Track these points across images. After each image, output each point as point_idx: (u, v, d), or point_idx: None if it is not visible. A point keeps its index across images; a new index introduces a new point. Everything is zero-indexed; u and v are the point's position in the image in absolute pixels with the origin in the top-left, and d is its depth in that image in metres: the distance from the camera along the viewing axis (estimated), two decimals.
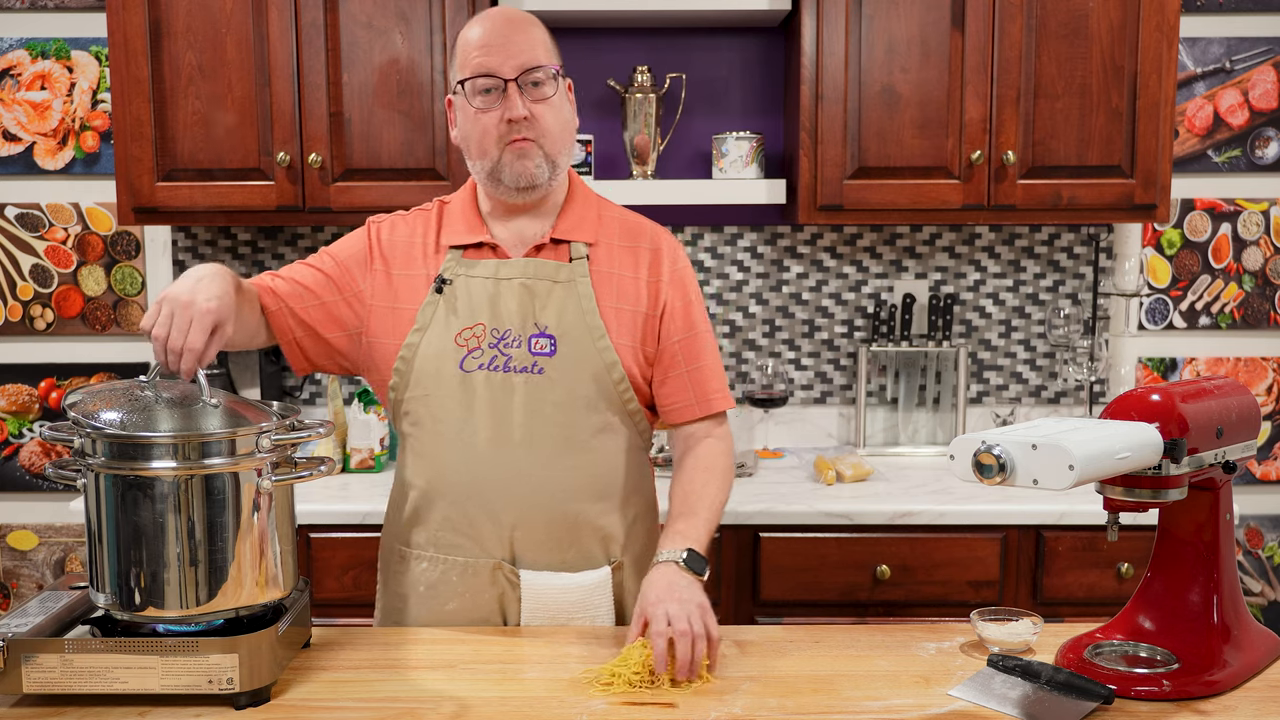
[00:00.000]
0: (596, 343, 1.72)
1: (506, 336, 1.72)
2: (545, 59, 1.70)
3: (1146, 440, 1.40)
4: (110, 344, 3.10)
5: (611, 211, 1.84)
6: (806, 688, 1.51)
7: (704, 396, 1.80)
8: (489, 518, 1.73)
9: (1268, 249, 3.12)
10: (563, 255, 1.77)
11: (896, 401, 3.08)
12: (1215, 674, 1.48)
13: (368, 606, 2.47)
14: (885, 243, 3.08)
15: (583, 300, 1.73)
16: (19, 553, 3.14)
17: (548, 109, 1.70)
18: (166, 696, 1.42)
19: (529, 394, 1.71)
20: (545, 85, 1.69)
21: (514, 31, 1.69)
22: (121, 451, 1.41)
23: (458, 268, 1.75)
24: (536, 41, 1.70)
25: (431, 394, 1.73)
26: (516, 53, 1.68)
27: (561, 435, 1.72)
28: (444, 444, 1.74)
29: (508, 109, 1.68)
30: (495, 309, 1.73)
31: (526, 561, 1.75)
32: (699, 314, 1.82)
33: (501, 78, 1.67)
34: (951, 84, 2.67)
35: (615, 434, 1.77)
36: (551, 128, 1.71)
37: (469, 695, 1.47)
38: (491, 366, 1.71)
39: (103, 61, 3.01)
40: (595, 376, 1.72)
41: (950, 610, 2.45)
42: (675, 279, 1.80)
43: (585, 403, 1.72)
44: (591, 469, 1.75)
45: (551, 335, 1.72)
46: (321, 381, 3.10)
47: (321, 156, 2.66)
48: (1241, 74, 3.07)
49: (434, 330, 1.73)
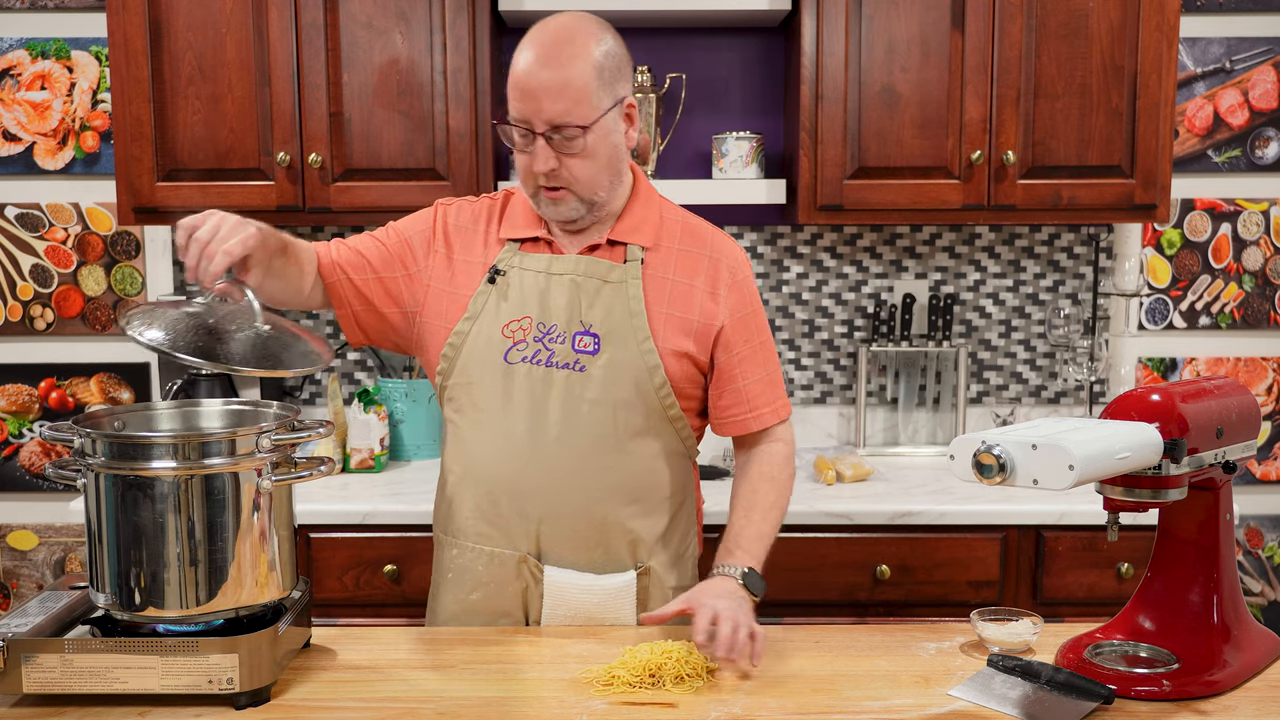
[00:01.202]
0: (640, 345, 1.71)
1: (552, 331, 1.72)
2: (580, 111, 1.63)
3: (1146, 440, 1.40)
4: (110, 344, 3.10)
5: (674, 215, 1.82)
6: (806, 688, 1.51)
7: (756, 410, 1.79)
8: (518, 510, 1.73)
9: (1268, 249, 3.12)
10: (618, 256, 1.76)
11: (896, 401, 3.08)
12: (1215, 674, 1.48)
13: (368, 606, 2.48)
14: (885, 243, 3.08)
15: (631, 302, 1.72)
16: (19, 553, 3.14)
17: (578, 161, 1.67)
18: (166, 696, 1.43)
19: (568, 390, 1.71)
20: (575, 141, 1.65)
21: (555, 71, 1.62)
22: (121, 451, 1.41)
23: (512, 259, 1.75)
24: (575, 86, 1.63)
25: (474, 382, 1.74)
26: (550, 103, 1.62)
27: (596, 434, 1.71)
28: (482, 433, 1.75)
29: (534, 161, 1.67)
30: (544, 303, 1.73)
31: (552, 558, 1.75)
32: (757, 325, 1.80)
33: (533, 131, 1.65)
34: (951, 84, 2.67)
35: (653, 438, 1.75)
36: (582, 176, 1.68)
37: (469, 695, 1.48)
38: (534, 360, 1.71)
39: (103, 61, 3.01)
40: (636, 379, 1.71)
41: (950, 610, 2.45)
42: (734, 288, 1.78)
43: (623, 404, 1.72)
44: (624, 471, 1.74)
45: (596, 334, 1.71)
46: (321, 381, 3.10)
47: (321, 156, 2.66)
48: (1241, 74, 3.07)
49: (484, 319, 1.74)
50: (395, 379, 2.92)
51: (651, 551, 1.78)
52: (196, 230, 1.48)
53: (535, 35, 1.67)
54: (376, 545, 2.48)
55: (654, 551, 1.78)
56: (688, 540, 1.85)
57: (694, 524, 1.88)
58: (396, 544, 2.48)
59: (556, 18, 1.69)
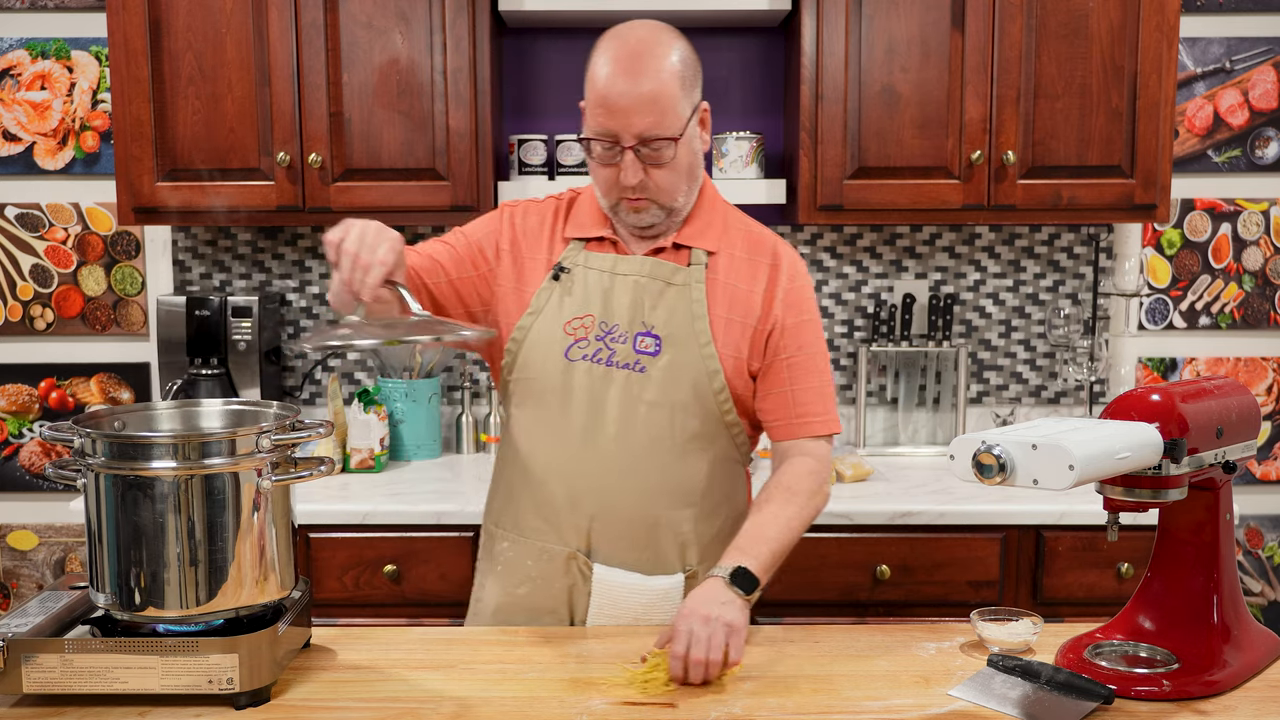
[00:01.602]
0: (701, 349, 1.72)
1: (614, 331, 1.72)
2: (669, 123, 1.64)
3: (1146, 440, 1.40)
4: (110, 344, 3.10)
5: (737, 221, 1.82)
6: (806, 688, 1.51)
7: (801, 416, 1.78)
8: (570, 506, 1.74)
9: (1268, 249, 3.12)
10: (682, 259, 1.76)
11: (896, 401, 3.08)
12: (1215, 674, 1.48)
13: (368, 606, 2.48)
14: (885, 243, 3.08)
15: (694, 305, 1.73)
16: (19, 553, 3.14)
17: (664, 171, 1.67)
18: (166, 696, 1.42)
19: (626, 390, 1.71)
20: (663, 152, 1.66)
21: (641, 81, 1.62)
22: (121, 451, 1.41)
23: (577, 257, 1.76)
24: (663, 98, 1.63)
25: (535, 378, 1.75)
26: (640, 116, 1.62)
27: (653, 435, 1.72)
28: (540, 428, 1.75)
29: (622, 174, 1.66)
30: (607, 302, 1.73)
31: (602, 556, 1.75)
32: (811, 334, 1.79)
33: (621, 145, 1.65)
34: (951, 84, 2.67)
35: (709, 442, 1.75)
36: (666, 185, 1.68)
37: (469, 695, 1.48)
38: (595, 359, 1.72)
39: (103, 61, 3.01)
40: (695, 382, 1.72)
41: (950, 610, 2.45)
42: (791, 295, 1.78)
43: (681, 407, 1.72)
44: (679, 473, 1.74)
45: (658, 335, 1.72)
46: (321, 381, 3.10)
47: (321, 156, 2.66)
48: (1241, 74, 3.07)
49: (546, 316, 1.75)
50: (395, 379, 2.93)
51: (701, 555, 1.77)
52: (343, 242, 1.49)
53: (613, 47, 1.66)
54: (376, 545, 2.48)
55: (704, 555, 1.77)
56: None
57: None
58: (396, 544, 2.48)
59: (629, 28, 1.69)
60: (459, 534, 2.48)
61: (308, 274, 3.08)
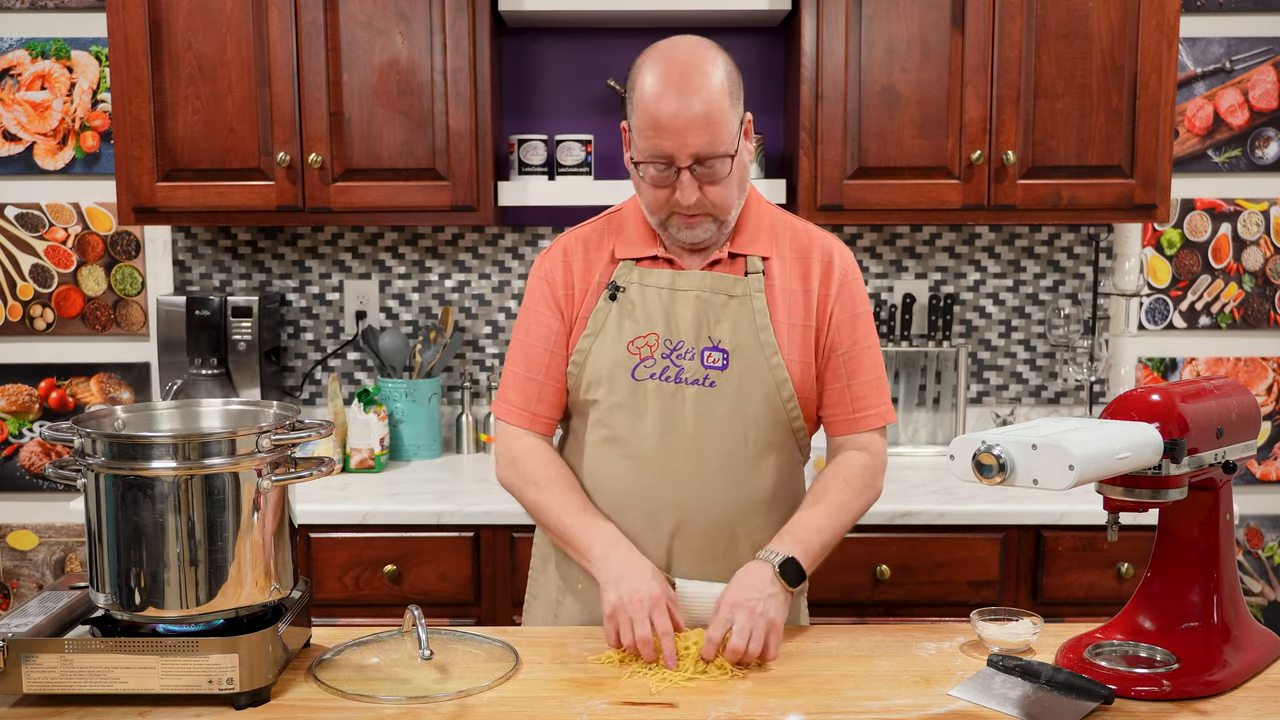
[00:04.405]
0: (769, 359, 1.72)
1: (680, 348, 1.72)
2: (723, 140, 1.62)
3: (1146, 440, 1.40)
4: (110, 344, 3.10)
5: (783, 222, 1.82)
6: (806, 688, 1.51)
7: (859, 411, 1.78)
8: (649, 524, 1.74)
9: (1268, 249, 3.12)
10: (738, 268, 1.75)
11: (897, 401, 3.08)
12: (1215, 674, 1.48)
13: (368, 606, 2.48)
14: (885, 243, 3.08)
15: (757, 315, 1.73)
16: (19, 553, 3.14)
17: (719, 188, 1.66)
18: (166, 696, 1.43)
19: (699, 406, 1.71)
20: (719, 168, 1.64)
21: (693, 101, 1.60)
22: (121, 451, 1.41)
23: (631, 275, 1.75)
24: (715, 115, 1.61)
25: (601, 400, 1.75)
26: (695, 136, 1.61)
27: (727, 448, 1.72)
28: (612, 449, 1.75)
29: (679, 193, 1.65)
30: (670, 320, 1.73)
31: (682, 570, 1.75)
32: (864, 327, 1.79)
33: (677, 166, 1.64)
34: (951, 84, 2.67)
35: (779, 450, 1.76)
36: (720, 200, 1.67)
37: (469, 695, 1.47)
38: (663, 377, 1.72)
39: (103, 61, 3.01)
40: (765, 393, 1.72)
41: (950, 610, 2.45)
42: (844, 290, 1.78)
43: (753, 419, 1.72)
44: (754, 483, 1.74)
45: (724, 349, 1.72)
46: (321, 381, 3.10)
47: (321, 156, 2.66)
48: (1241, 74, 3.07)
49: (606, 336, 1.74)
50: (395, 379, 2.92)
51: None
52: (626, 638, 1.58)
53: (660, 66, 1.64)
54: (376, 545, 2.48)
55: None
56: None
57: None
58: (396, 544, 2.48)
59: (673, 45, 1.67)
60: (459, 534, 2.48)
61: (308, 274, 3.08)
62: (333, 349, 3.09)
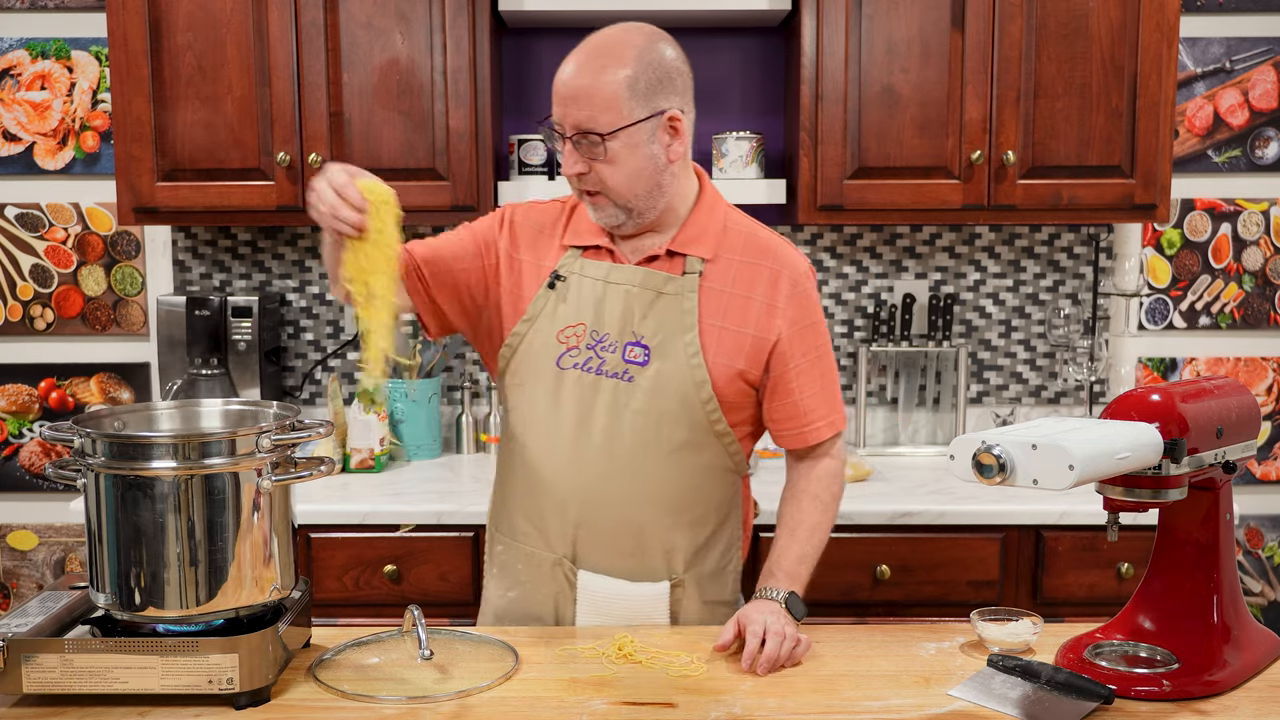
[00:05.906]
0: (690, 360, 1.71)
1: (604, 340, 1.73)
2: (604, 119, 1.64)
3: (1146, 440, 1.40)
4: (110, 344, 3.10)
5: (739, 225, 1.81)
6: (806, 688, 1.51)
7: (811, 425, 1.78)
8: (557, 512, 1.75)
9: (1268, 249, 3.12)
10: (677, 267, 1.75)
11: (896, 401, 3.08)
12: (1215, 674, 1.48)
13: (368, 606, 2.48)
14: (885, 243, 3.08)
15: (685, 315, 1.72)
16: (19, 553, 3.14)
17: (605, 167, 1.67)
18: (166, 696, 1.43)
19: (614, 399, 1.72)
20: (597, 147, 1.66)
21: (587, 79, 1.65)
22: (121, 451, 1.41)
23: (573, 265, 1.77)
24: (601, 95, 1.64)
25: (526, 384, 1.77)
26: (576, 108, 1.65)
27: (639, 444, 1.72)
28: (530, 434, 1.77)
29: (565, 163, 1.70)
30: (599, 312, 1.74)
31: (588, 563, 1.76)
32: (816, 336, 1.78)
33: (562, 134, 1.68)
34: (951, 84, 2.67)
35: (697, 451, 1.75)
36: (611, 183, 1.68)
37: (469, 695, 1.48)
38: (585, 367, 1.73)
39: (103, 61, 3.01)
40: (682, 393, 1.72)
41: (950, 610, 2.45)
42: (794, 299, 1.76)
43: (668, 417, 1.72)
44: (665, 482, 1.74)
45: (646, 345, 1.72)
46: (321, 381, 3.10)
47: (321, 156, 2.66)
48: (1241, 74, 3.07)
49: (540, 323, 1.76)
50: (395, 379, 2.92)
51: (688, 564, 1.77)
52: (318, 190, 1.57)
53: (583, 42, 1.71)
54: (376, 545, 2.48)
55: (691, 564, 1.77)
56: (730, 554, 1.84)
57: (739, 538, 1.86)
58: (396, 544, 2.48)
59: (613, 28, 1.72)
60: (459, 534, 2.48)
61: (308, 274, 3.07)
62: (333, 349, 3.09)
